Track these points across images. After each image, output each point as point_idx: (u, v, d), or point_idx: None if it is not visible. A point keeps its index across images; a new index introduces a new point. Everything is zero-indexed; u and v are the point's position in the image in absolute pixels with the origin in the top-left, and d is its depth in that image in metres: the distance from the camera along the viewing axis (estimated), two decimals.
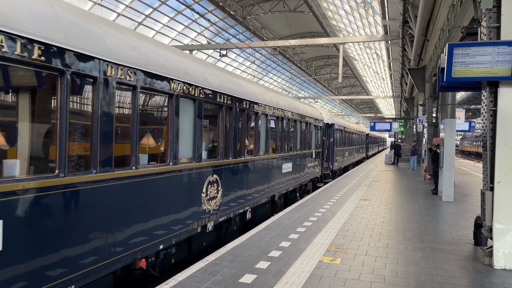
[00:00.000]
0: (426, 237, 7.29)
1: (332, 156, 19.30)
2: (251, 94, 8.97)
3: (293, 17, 32.99)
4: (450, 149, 11.69)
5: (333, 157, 19.44)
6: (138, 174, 5.00)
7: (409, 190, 14.01)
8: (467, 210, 10.25)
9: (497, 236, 5.66)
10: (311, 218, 8.79)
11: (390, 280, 5.05)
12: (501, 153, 5.69)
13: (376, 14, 25.10)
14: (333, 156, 19.44)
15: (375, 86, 61.29)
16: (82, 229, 4.13)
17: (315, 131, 15.57)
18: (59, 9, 4.03)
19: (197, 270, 5.29)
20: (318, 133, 16.17)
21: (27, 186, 3.52)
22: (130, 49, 4.98)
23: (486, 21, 5.78)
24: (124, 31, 5.17)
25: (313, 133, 15.34)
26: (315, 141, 15.65)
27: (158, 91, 5.47)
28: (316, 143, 15.75)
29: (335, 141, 19.87)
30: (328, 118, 19.26)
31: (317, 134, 16.00)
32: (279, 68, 50.30)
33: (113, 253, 4.56)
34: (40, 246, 3.63)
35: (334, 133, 19.70)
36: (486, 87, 5.92)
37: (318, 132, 16.28)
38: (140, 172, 5.06)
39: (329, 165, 19.08)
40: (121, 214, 4.70)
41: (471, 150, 59.80)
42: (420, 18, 12.63)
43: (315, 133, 15.60)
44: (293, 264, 5.59)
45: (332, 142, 19.36)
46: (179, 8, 27.89)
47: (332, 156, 19.37)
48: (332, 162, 19.45)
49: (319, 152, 16.31)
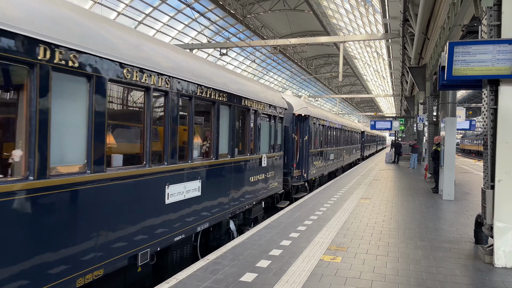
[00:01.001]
0: (427, 236, 7.29)
1: (306, 161, 14.08)
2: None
3: (293, 16, 32.96)
4: (450, 147, 11.69)
5: (308, 162, 14.14)
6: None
7: (410, 189, 14.00)
8: (467, 208, 10.25)
9: (497, 234, 5.66)
10: (312, 216, 8.79)
11: (390, 279, 5.05)
12: (501, 151, 5.69)
13: (377, 12, 25.06)
14: (308, 161, 14.15)
15: (376, 85, 61.25)
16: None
17: (270, 124, 10.34)
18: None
19: (198, 268, 5.29)
20: (277, 128, 10.91)
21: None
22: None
23: (486, 19, 5.77)
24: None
25: (267, 128, 10.19)
26: (272, 140, 10.43)
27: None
28: (273, 143, 10.57)
29: (311, 140, 14.66)
30: (299, 107, 13.70)
31: (275, 129, 10.70)
32: (279, 67, 50.26)
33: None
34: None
35: (310, 128, 14.37)
36: (486, 86, 5.91)
37: (277, 127, 10.93)
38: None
39: (302, 173, 13.85)
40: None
41: (472, 149, 59.78)
42: (421, 17, 12.62)
43: (270, 128, 10.37)
44: (294, 262, 5.59)
45: (307, 141, 14.13)
46: (179, 7, 27.87)
47: (307, 160, 14.11)
48: (307, 169, 14.20)
49: (279, 157, 11.15)
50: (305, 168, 14.05)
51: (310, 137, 14.47)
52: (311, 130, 14.59)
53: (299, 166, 13.76)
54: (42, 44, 3.64)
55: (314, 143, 15.39)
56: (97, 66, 4.28)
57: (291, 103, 13.43)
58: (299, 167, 13.73)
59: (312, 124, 14.87)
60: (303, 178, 14.00)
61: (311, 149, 14.72)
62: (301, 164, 13.87)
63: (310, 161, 14.55)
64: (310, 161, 14.47)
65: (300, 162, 13.82)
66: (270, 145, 10.31)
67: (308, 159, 14.22)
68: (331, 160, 19.35)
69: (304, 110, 13.90)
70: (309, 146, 14.34)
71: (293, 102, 13.76)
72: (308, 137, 14.24)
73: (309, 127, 14.33)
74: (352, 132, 27.31)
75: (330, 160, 18.95)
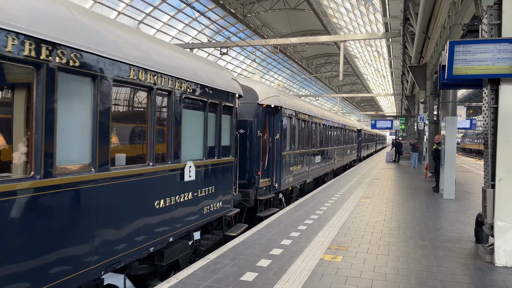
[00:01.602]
0: (427, 235, 7.29)
1: (279, 166, 10.92)
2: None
3: (293, 15, 32.95)
4: (451, 146, 11.69)
5: (280, 168, 10.96)
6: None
7: (410, 188, 14.00)
8: (468, 207, 10.25)
9: (498, 233, 5.65)
10: (312, 216, 8.80)
11: (391, 278, 5.05)
12: (502, 150, 5.69)
13: (377, 11, 25.05)
14: (280, 166, 10.96)
15: (376, 84, 61.21)
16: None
17: (206, 116, 6.95)
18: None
19: (198, 268, 5.30)
20: (223, 122, 7.56)
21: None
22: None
23: (487, 18, 5.77)
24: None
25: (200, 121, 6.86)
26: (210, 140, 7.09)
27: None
28: (214, 144, 7.27)
29: (285, 139, 11.45)
30: (267, 96, 10.39)
31: (217, 124, 7.35)
32: (279, 66, 50.28)
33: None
34: None
35: (283, 124, 11.15)
36: (487, 85, 5.91)
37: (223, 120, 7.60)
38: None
39: (272, 183, 10.76)
40: None
41: (472, 148, 59.73)
42: (421, 16, 12.60)
43: (206, 122, 6.96)
44: (294, 262, 5.60)
45: (279, 141, 10.92)
46: (179, 7, 27.87)
47: (279, 165, 10.94)
48: (280, 177, 10.94)
49: (227, 165, 7.76)
50: (277, 176, 10.85)
51: (283, 135, 11.17)
52: (285, 126, 11.34)
53: (268, 174, 10.62)
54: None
55: (291, 143, 12.19)
56: None
57: (255, 90, 10.16)
58: (268, 175, 10.59)
59: (287, 118, 11.62)
60: (274, 189, 10.80)
61: (286, 151, 11.52)
62: (271, 171, 10.70)
63: (285, 166, 11.31)
64: (284, 167, 11.22)
65: (270, 168, 10.68)
66: (206, 147, 6.84)
67: (281, 163, 11.00)
68: (317, 163, 15.90)
69: (274, 100, 10.55)
70: (283, 147, 11.14)
71: (259, 89, 10.35)
72: (281, 135, 10.98)
73: (282, 122, 11.06)
74: (346, 130, 24.16)
75: (315, 164, 15.50)
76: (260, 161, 10.15)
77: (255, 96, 10.18)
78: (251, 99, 10.07)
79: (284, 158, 11.26)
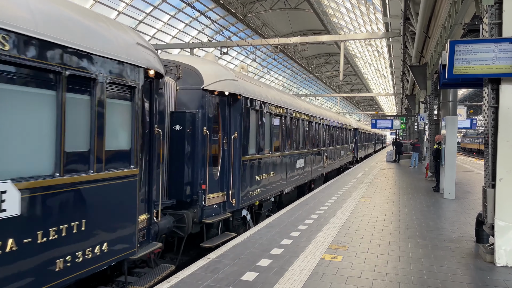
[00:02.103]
0: (428, 235, 7.28)
1: (237, 175, 8.17)
2: None
3: (294, 15, 32.94)
4: (451, 146, 11.68)
5: (239, 177, 8.18)
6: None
7: (411, 188, 13.99)
8: (468, 207, 10.24)
9: (499, 233, 5.65)
10: (313, 215, 8.79)
11: (391, 278, 5.05)
12: (502, 150, 5.68)
13: (377, 11, 25.03)
14: (239, 175, 8.18)
15: (376, 84, 61.20)
16: None
17: (85, 102, 4.39)
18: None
19: (198, 268, 5.30)
20: (120, 111, 5.01)
21: None
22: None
23: (487, 18, 5.76)
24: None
25: (56, 109, 3.99)
26: (85, 140, 4.38)
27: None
28: (89, 146, 4.40)
29: (245, 140, 8.42)
30: (217, 78, 7.72)
31: (95, 112, 4.46)
32: (280, 66, 50.28)
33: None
34: None
35: (243, 119, 8.34)
36: (487, 84, 5.90)
37: (112, 108, 4.80)
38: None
39: (228, 198, 8.02)
40: None
41: (473, 148, 59.71)
42: (422, 15, 12.59)
43: (83, 110, 4.38)
44: (295, 261, 5.60)
45: (238, 141, 8.18)
46: (179, 6, 27.86)
47: (238, 174, 8.18)
48: (239, 189, 8.19)
49: (123, 181, 4.93)
50: (235, 189, 8.14)
51: (245, 133, 8.41)
52: (247, 121, 8.54)
53: (222, 186, 7.97)
54: None
55: (258, 145, 9.30)
56: None
57: (199, 71, 7.53)
58: (221, 187, 7.94)
59: (252, 111, 8.92)
60: (231, 207, 8.06)
61: (249, 155, 8.72)
62: (226, 182, 8.03)
63: (247, 175, 8.59)
64: (245, 176, 8.50)
65: (223, 179, 8.01)
66: (62, 154, 4.02)
67: (241, 172, 8.24)
68: (299, 168, 13.15)
69: (228, 85, 7.89)
70: (244, 149, 8.36)
71: (205, 69, 7.66)
72: (241, 134, 8.23)
73: (242, 116, 8.28)
74: (340, 128, 21.24)
75: (297, 170, 12.81)
76: (207, 169, 7.44)
77: (200, 79, 7.46)
78: (194, 83, 7.42)
79: (245, 164, 8.47)
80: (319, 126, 16.21)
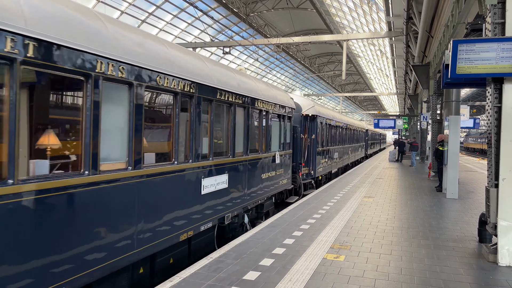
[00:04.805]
0: (430, 234, 7.27)
1: (314, 159, 14.98)
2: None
3: (296, 14, 32.90)
4: (454, 146, 11.64)
5: (314, 161, 15.00)
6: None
7: (413, 187, 13.97)
8: (471, 207, 10.22)
9: (501, 233, 5.64)
10: (315, 215, 8.79)
11: (394, 277, 5.05)
12: (506, 149, 5.66)
13: (380, 10, 24.98)
14: (315, 159, 15.04)
15: (379, 83, 61.08)
16: None
17: (282, 124, 11.33)
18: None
19: (201, 267, 5.31)
20: (288, 127, 11.80)
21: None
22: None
23: (490, 17, 5.74)
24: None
25: (279, 128, 11.17)
26: (279, 138, 11.11)
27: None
28: (283, 141, 11.39)
29: (317, 139, 15.35)
30: (308, 107, 14.70)
31: (283, 128, 11.39)
32: (282, 65, 50.22)
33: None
34: None
35: (317, 128, 15.32)
36: (490, 84, 5.88)
37: (288, 125, 11.80)
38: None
39: (310, 171, 14.79)
40: None
41: (476, 147, 59.53)
42: (424, 14, 12.56)
43: (283, 127, 11.37)
44: (297, 261, 5.60)
45: (314, 140, 14.94)
46: (182, 6, 27.89)
47: (315, 159, 15.02)
48: (315, 167, 15.07)
49: (289, 154, 11.98)
50: (313, 166, 15.01)
51: (317, 135, 15.33)
52: (318, 128, 15.56)
53: (308, 164, 14.73)
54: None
55: (322, 142, 16.34)
56: None
57: (299, 104, 14.51)
58: (307, 165, 14.65)
59: (322, 123, 16.39)
60: (311, 176, 14.87)
61: (318, 148, 15.67)
62: (310, 162, 14.89)
63: (317, 159, 15.47)
64: (317, 159, 15.36)
65: (309, 160, 14.73)
66: (283, 143, 11.40)
67: (316, 157, 15.16)
68: (336, 159, 19.81)
69: (311, 110, 15.13)
70: (317, 144, 15.28)
71: (302, 102, 14.91)
72: (316, 136, 15.16)
73: (316, 126, 15.34)
74: (357, 130, 28.10)
75: (334, 159, 19.51)
76: (303, 155, 14.22)
77: (300, 108, 14.28)
78: (297, 110, 13.92)
79: (317, 153, 15.53)
80: (346, 129, 23.51)
